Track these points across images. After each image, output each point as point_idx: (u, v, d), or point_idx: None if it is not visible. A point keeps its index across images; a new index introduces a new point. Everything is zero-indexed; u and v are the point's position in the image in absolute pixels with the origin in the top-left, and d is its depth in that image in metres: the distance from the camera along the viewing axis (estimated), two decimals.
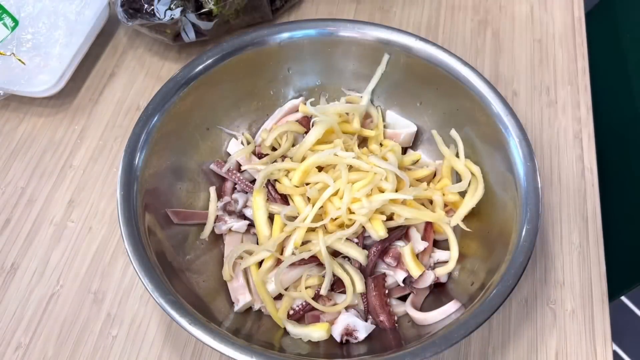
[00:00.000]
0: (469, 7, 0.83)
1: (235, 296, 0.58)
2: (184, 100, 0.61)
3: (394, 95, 0.67)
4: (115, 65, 0.79)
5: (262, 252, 0.58)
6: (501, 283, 0.50)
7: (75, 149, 0.72)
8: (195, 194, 0.63)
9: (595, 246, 0.64)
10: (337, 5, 0.83)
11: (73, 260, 0.64)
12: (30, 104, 0.76)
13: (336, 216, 0.57)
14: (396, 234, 0.59)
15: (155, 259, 0.53)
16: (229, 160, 0.64)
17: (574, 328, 0.59)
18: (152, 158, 0.58)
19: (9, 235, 0.66)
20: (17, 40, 0.76)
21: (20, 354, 0.59)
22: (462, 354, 0.58)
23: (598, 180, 0.68)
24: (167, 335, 0.60)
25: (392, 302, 0.59)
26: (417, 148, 0.68)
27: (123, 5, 0.73)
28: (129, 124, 0.74)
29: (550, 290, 0.61)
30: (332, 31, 0.65)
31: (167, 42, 0.77)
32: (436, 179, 0.64)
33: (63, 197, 0.68)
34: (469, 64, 0.61)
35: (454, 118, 0.64)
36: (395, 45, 0.63)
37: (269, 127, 0.68)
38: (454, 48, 0.78)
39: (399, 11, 0.83)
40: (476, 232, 0.60)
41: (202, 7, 0.73)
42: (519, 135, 0.57)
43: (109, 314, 0.61)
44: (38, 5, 0.78)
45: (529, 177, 0.55)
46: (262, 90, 0.68)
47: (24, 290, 0.63)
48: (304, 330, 0.55)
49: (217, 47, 0.63)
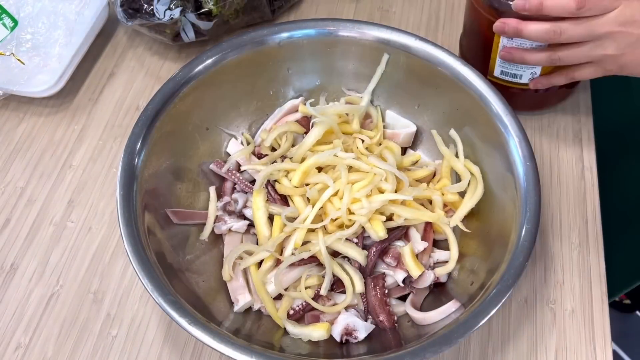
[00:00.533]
0: None
1: (235, 296, 0.58)
2: (183, 100, 0.61)
3: (394, 95, 0.67)
4: (115, 65, 0.79)
5: (262, 253, 0.58)
6: (501, 283, 0.50)
7: (75, 149, 0.72)
8: (195, 194, 0.63)
9: (595, 246, 0.64)
10: (337, 5, 0.83)
11: (73, 260, 0.64)
12: (30, 104, 0.76)
13: (336, 217, 0.57)
14: (396, 234, 0.59)
15: (155, 259, 0.53)
16: (229, 161, 0.64)
17: (573, 328, 0.59)
18: (152, 158, 0.58)
19: (9, 235, 0.66)
20: (16, 40, 0.76)
21: (20, 354, 0.59)
22: (462, 353, 0.58)
23: (598, 180, 0.68)
24: (167, 335, 0.60)
25: (391, 302, 0.59)
26: (416, 148, 0.68)
27: (122, 5, 0.73)
28: (129, 124, 0.74)
29: (550, 290, 0.61)
30: (332, 31, 0.65)
31: (166, 42, 0.77)
32: (435, 179, 0.64)
33: (62, 197, 0.68)
34: (468, 64, 0.61)
35: (454, 118, 0.64)
36: (395, 45, 0.63)
37: (269, 127, 0.68)
38: (454, 48, 0.78)
39: (399, 11, 0.83)
40: (476, 232, 0.60)
41: (201, 7, 0.73)
42: (519, 135, 0.57)
43: (108, 314, 0.61)
44: (37, 5, 0.78)
45: (528, 177, 0.55)
46: (261, 90, 0.68)
47: (23, 290, 0.63)
48: (304, 330, 0.55)
49: (216, 47, 0.63)
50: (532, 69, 0.64)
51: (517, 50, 0.62)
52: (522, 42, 0.61)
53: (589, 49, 0.57)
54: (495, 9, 0.61)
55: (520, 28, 0.58)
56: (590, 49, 0.57)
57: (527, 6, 0.56)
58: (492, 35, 0.63)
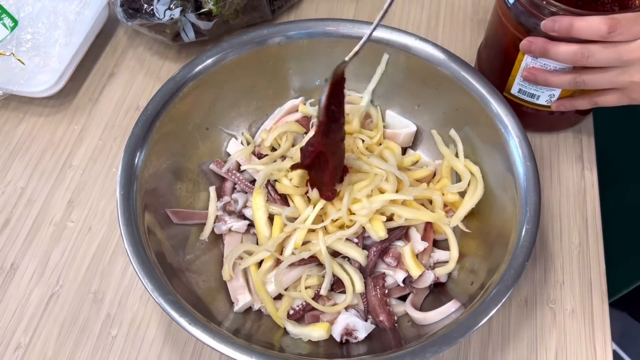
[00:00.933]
0: (469, 7, 0.83)
1: (235, 296, 0.58)
2: (183, 100, 0.61)
3: (394, 95, 0.67)
4: (115, 65, 0.79)
5: (262, 253, 0.58)
6: (501, 283, 0.50)
7: (75, 149, 0.72)
8: (195, 194, 0.63)
9: (595, 246, 0.64)
10: (337, 5, 0.83)
11: (73, 260, 0.64)
12: (30, 104, 0.76)
13: (337, 217, 0.57)
14: (396, 234, 0.59)
15: (155, 259, 0.53)
16: (229, 161, 0.64)
17: (573, 328, 0.59)
18: (152, 158, 0.58)
19: (9, 235, 0.66)
20: (16, 40, 0.76)
21: (20, 354, 0.59)
22: (462, 353, 0.58)
23: (598, 180, 0.68)
24: (167, 335, 0.60)
25: (391, 301, 0.59)
26: (416, 148, 0.68)
27: (122, 5, 0.73)
28: (129, 124, 0.74)
29: (550, 290, 0.61)
30: (332, 31, 0.65)
31: (166, 42, 0.77)
32: (436, 179, 0.64)
33: (63, 197, 0.68)
34: (469, 64, 0.61)
35: (454, 118, 0.64)
36: (395, 45, 0.63)
37: (269, 127, 0.68)
38: (454, 48, 0.78)
39: (399, 11, 0.83)
40: (476, 232, 0.60)
41: (201, 7, 0.73)
42: (519, 135, 0.57)
43: (108, 314, 0.61)
44: (37, 5, 0.78)
45: (528, 177, 0.55)
46: (261, 90, 0.68)
47: (23, 290, 0.63)
48: (304, 330, 0.55)
49: (216, 47, 0.63)
50: (551, 91, 0.62)
51: (540, 71, 0.60)
52: (546, 62, 0.59)
53: (615, 75, 0.56)
54: (523, 25, 0.58)
55: (547, 48, 0.56)
56: (617, 75, 0.55)
57: (556, 27, 0.54)
58: (516, 52, 0.61)
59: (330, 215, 0.57)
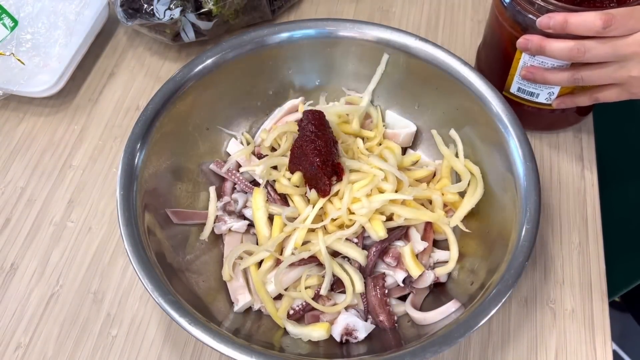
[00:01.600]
0: (469, 7, 0.83)
1: (235, 296, 0.58)
2: (183, 100, 0.61)
3: (394, 95, 0.67)
4: (115, 65, 0.79)
5: (262, 253, 0.58)
6: (501, 283, 0.50)
7: (75, 149, 0.72)
8: (195, 194, 0.63)
9: (595, 246, 0.64)
10: (337, 5, 0.83)
11: (73, 260, 0.64)
12: (30, 104, 0.76)
13: (336, 216, 0.57)
14: (396, 234, 0.59)
15: (155, 259, 0.53)
16: (229, 161, 0.64)
17: (573, 328, 0.59)
18: (152, 158, 0.58)
19: (9, 235, 0.66)
20: (16, 40, 0.76)
21: (20, 354, 0.59)
22: (462, 353, 0.58)
23: (598, 180, 0.68)
24: (167, 335, 0.60)
25: (391, 301, 0.59)
26: (416, 148, 0.68)
27: (122, 5, 0.73)
28: (129, 124, 0.74)
29: (550, 290, 0.61)
30: (332, 31, 0.65)
31: (166, 42, 0.77)
32: (435, 179, 0.64)
33: (63, 197, 0.68)
34: (468, 64, 0.61)
35: (454, 118, 0.64)
36: (395, 45, 0.63)
37: (269, 127, 0.68)
38: (454, 48, 0.78)
39: (399, 11, 0.83)
40: (476, 232, 0.60)
41: (201, 7, 0.73)
42: (519, 135, 0.57)
43: (108, 314, 0.61)
44: (37, 6, 0.78)
45: (528, 177, 0.55)
46: (261, 90, 0.68)
47: (23, 290, 0.63)
48: (304, 330, 0.55)
49: (216, 47, 0.63)
50: (550, 89, 0.62)
51: (538, 69, 0.60)
52: (543, 60, 0.59)
53: (612, 70, 0.55)
54: (519, 24, 0.59)
55: (543, 45, 0.56)
56: (614, 70, 0.55)
57: (551, 23, 0.54)
58: (514, 51, 0.61)
59: (329, 214, 0.57)
